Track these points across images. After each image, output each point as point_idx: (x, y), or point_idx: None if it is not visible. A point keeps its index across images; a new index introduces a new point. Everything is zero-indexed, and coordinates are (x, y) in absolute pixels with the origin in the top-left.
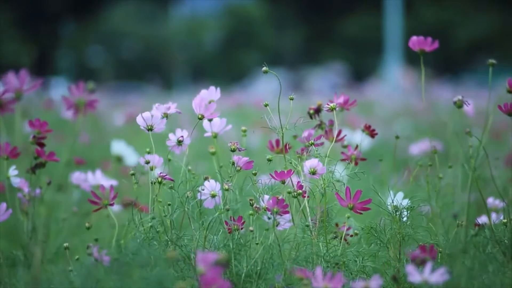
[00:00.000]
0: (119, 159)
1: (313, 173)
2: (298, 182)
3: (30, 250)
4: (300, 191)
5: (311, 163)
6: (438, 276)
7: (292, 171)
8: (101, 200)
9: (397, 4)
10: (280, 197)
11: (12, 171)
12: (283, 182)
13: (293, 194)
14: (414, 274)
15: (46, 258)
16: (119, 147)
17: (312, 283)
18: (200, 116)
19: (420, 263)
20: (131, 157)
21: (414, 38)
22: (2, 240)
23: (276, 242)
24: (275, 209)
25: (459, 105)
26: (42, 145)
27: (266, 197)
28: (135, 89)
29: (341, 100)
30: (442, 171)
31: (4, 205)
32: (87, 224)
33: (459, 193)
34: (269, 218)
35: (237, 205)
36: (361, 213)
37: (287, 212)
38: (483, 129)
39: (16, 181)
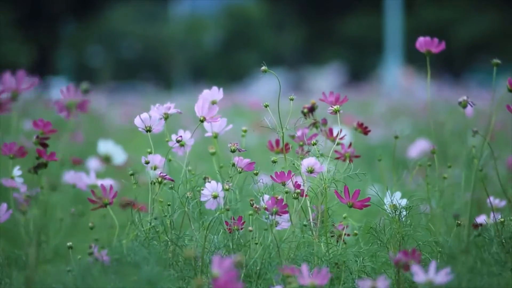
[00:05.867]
0: (107, 158)
1: (311, 171)
2: (296, 181)
3: (26, 250)
4: (299, 190)
5: (308, 161)
6: (443, 276)
7: (293, 173)
8: (101, 199)
9: (397, 3)
10: (279, 197)
11: (16, 171)
12: (283, 184)
13: (293, 195)
14: (419, 274)
15: (46, 258)
16: (106, 146)
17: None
18: (202, 119)
19: (403, 267)
20: (119, 156)
21: (421, 38)
22: (1, 240)
23: (275, 242)
24: (274, 209)
25: (464, 105)
26: (45, 145)
27: (266, 197)
28: (135, 89)
29: (332, 98)
30: (441, 171)
31: (4, 205)
32: (90, 224)
33: (458, 193)
34: (266, 218)
35: (237, 205)
36: (361, 209)
37: (286, 212)
38: (486, 130)
39: (19, 181)
